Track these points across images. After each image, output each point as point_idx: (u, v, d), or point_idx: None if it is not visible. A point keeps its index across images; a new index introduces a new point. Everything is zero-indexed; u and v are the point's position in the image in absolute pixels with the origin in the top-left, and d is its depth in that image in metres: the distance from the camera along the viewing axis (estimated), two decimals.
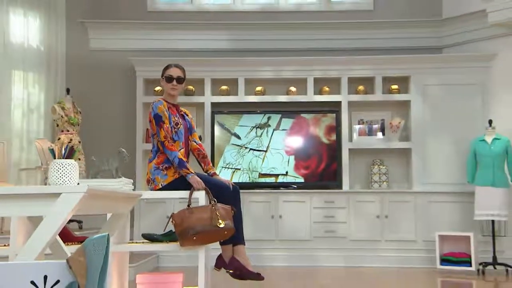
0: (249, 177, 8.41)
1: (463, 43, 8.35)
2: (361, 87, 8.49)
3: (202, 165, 5.00)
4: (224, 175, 8.07)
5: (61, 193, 2.49)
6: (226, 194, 4.56)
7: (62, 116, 7.97)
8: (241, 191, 7.83)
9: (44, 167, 7.56)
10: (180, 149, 4.67)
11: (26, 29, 8.19)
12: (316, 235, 8.09)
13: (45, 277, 1.74)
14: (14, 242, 3.67)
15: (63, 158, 2.92)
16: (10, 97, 7.93)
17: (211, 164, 5.07)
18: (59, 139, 7.95)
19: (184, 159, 4.65)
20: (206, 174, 4.89)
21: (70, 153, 2.95)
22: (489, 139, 7.15)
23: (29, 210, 2.70)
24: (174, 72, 4.80)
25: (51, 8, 8.39)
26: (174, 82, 4.76)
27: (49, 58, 8.37)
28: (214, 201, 4.31)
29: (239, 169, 8.42)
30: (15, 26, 8.07)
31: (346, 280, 7.00)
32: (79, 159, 7.96)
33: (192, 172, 4.55)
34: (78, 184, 3.10)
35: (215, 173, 4.97)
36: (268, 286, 6.30)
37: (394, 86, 8.41)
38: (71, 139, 7.95)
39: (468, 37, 8.25)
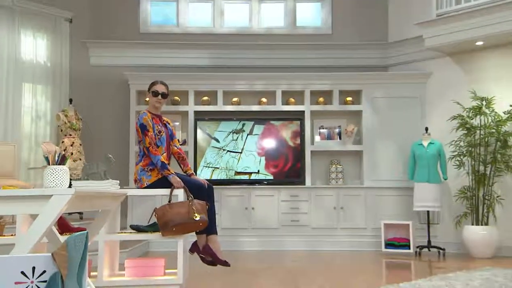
0: (226, 175, 8.42)
1: (405, 63, 8.52)
2: (321, 99, 8.59)
3: (182, 166, 5.00)
4: (205, 173, 8.32)
5: (52, 195, 2.53)
6: (202, 192, 4.57)
7: (65, 122, 7.97)
8: (219, 187, 8.06)
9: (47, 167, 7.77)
10: (162, 153, 4.67)
11: (35, 48, 8.14)
12: (283, 224, 8.19)
13: (33, 268, 1.73)
14: (19, 232, 3.77)
15: (56, 164, 2.93)
16: (20, 106, 7.90)
17: (189, 166, 5.06)
18: (62, 142, 7.94)
19: (166, 162, 4.68)
20: (185, 174, 4.88)
21: (62, 160, 2.96)
22: (425, 143, 7.37)
23: (27, 209, 2.73)
24: (160, 88, 4.80)
25: (56, 29, 8.32)
26: (159, 97, 4.77)
27: (55, 72, 8.31)
28: (191, 198, 4.35)
29: (218, 168, 8.43)
30: (25, 45, 8.00)
31: (308, 262, 7.06)
32: (80, 159, 7.98)
33: (172, 173, 4.56)
34: (71, 185, 3.21)
35: (192, 173, 4.97)
36: (242, 268, 6.37)
37: (349, 98, 8.54)
38: (73, 142, 7.98)
39: (409, 58, 8.42)
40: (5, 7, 7.75)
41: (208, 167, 8.45)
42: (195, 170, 8.27)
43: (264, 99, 8.67)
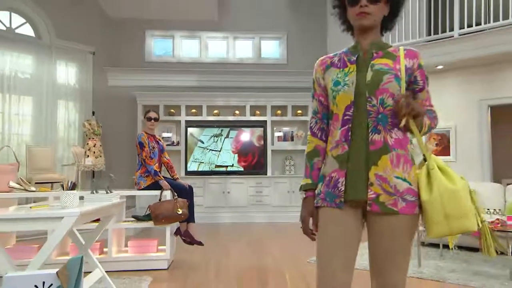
0: (209, 167, 8.49)
1: None
2: (279, 111, 8.79)
3: (170, 172, 5.05)
4: (193, 166, 8.37)
5: (63, 217, 2.52)
6: (184, 192, 4.67)
7: (89, 129, 8.07)
8: (204, 176, 8.34)
9: (77, 163, 7.66)
10: (155, 164, 4.72)
11: (67, 74, 8.21)
12: (250, 203, 8.36)
13: (44, 283, 1.68)
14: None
15: (69, 190, 2.87)
16: (56, 117, 7.97)
17: (175, 172, 5.09)
18: (87, 144, 8.00)
19: (158, 170, 4.71)
20: (171, 178, 4.94)
21: (73, 187, 2.92)
22: None
23: (47, 226, 2.64)
24: (152, 114, 4.87)
25: (82, 60, 8.39)
26: (152, 121, 4.84)
27: (81, 92, 8.40)
28: (176, 197, 4.43)
29: (203, 162, 8.49)
30: (60, 72, 8.08)
31: (268, 231, 7.10)
32: (100, 156, 8.02)
33: (162, 178, 4.63)
34: (82, 197, 3.17)
35: (177, 178, 5.00)
36: (222, 235, 6.56)
37: (299, 111, 8.73)
38: (95, 144, 8.02)
39: None
40: (46, 45, 7.88)
41: (196, 161, 8.51)
42: (186, 164, 8.41)
43: (237, 112, 8.77)
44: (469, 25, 6.67)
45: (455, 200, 1.43)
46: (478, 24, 6.56)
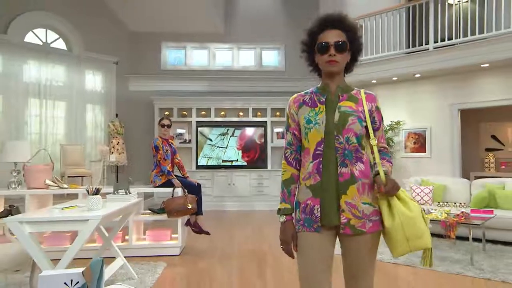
0: (217, 162, 8.50)
1: None
2: (278, 113, 8.76)
3: (181, 171, 5.08)
4: (203, 161, 8.39)
5: (88, 220, 2.55)
6: (193, 189, 4.70)
7: (113, 129, 8.20)
8: (212, 170, 8.34)
9: (103, 159, 7.75)
10: (168, 164, 4.75)
11: (94, 81, 8.31)
12: (252, 193, 8.36)
13: (71, 280, 1.63)
14: None
15: (93, 194, 2.88)
16: (85, 118, 8.08)
17: (186, 171, 5.12)
18: (111, 142, 8.13)
19: (170, 170, 4.75)
20: (182, 177, 4.95)
21: (97, 192, 2.91)
22: None
23: (75, 227, 2.66)
24: (165, 122, 4.86)
25: (107, 69, 8.47)
26: (166, 128, 4.86)
27: (106, 96, 8.48)
28: (186, 193, 4.44)
29: (211, 157, 8.51)
30: (87, 79, 8.17)
31: (268, 217, 7.13)
32: (123, 153, 8.12)
33: (174, 177, 4.67)
34: (106, 196, 3.24)
35: (188, 176, 5.03)
36: (228, 220, 6.63)
37: None
38: (118, 142, 8.12)
39: None
40: (76, 57, 7.98)
41: (205, 157, 8.53)
42: (196, 159, 8.48)
43: (241, 113, 8.78)
44: (442, 40, 6.72)
45: (414, 225, 1.51)
46: (450, 38, 6.61)
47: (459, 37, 6.45)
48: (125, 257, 3.73)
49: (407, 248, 1.52)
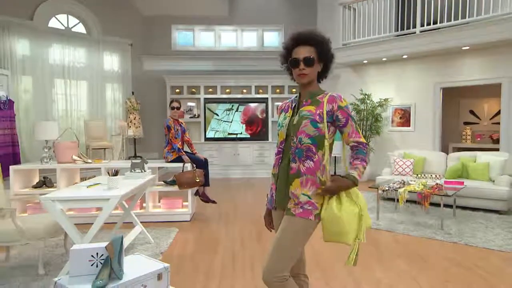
0: (223, 135, 8.53)
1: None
2: (278, 90, 8.73)
3: (190, 148, 5.07)
4: (210, 134, 8.43)
5: (109, 198, 2.61)
6: (201, 164, 4.74)
7: (130, 106, 8.23)
8: (218, 142, 8.34)
9: (122, 133, 7.85)
10: (179, 142, 4.74)
11: (111, 62, 8.25)
12: (255, 162, 8.44)
13: (97, 253, 1.73)
14: None
15: (113, 175, 2.91)
16: (104, 96, 8.08)
17: (194, 148, 5.10)
18: (129, 117, 8.19)
19: (181, 147, 4.75)
20: (191, 153, 4.97)
21: (116, 173, 2.92)
22: None
23: (97, 204, 2.68)
24: (175, 104, 4.79)
25: (123, 50, 8.39)
26: (175, 109, 4.79)
27: (123, 76, 8.42)
28: (195, 168, 4.50)
29: (218, 131, 8.54)
30: (106, 61, 8.12)
31: (268, 183, 6.99)
32: (139, 127, 8.16)
33: (184, 154, 4.67)
34: (127, 173, 3.30)
35: (196, 153, 5.03)
36: (233, 186, 6.74)
37: (293, 90, 8.61)
38: (135, 117, 8.17)
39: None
40: (95, 40, 7.95)
41: (212, 130, 8.56)
42: (205, 133, 8.54)
43: (244, 90, 8.76)
44: (428, 24, 6.64)
45: (337, 224, 1.60)
46: (435, 22, 6.54)
47: (444, 21, 6.38)
48: (142, 222, 3.85)
49: (329, 239, 1.64)
